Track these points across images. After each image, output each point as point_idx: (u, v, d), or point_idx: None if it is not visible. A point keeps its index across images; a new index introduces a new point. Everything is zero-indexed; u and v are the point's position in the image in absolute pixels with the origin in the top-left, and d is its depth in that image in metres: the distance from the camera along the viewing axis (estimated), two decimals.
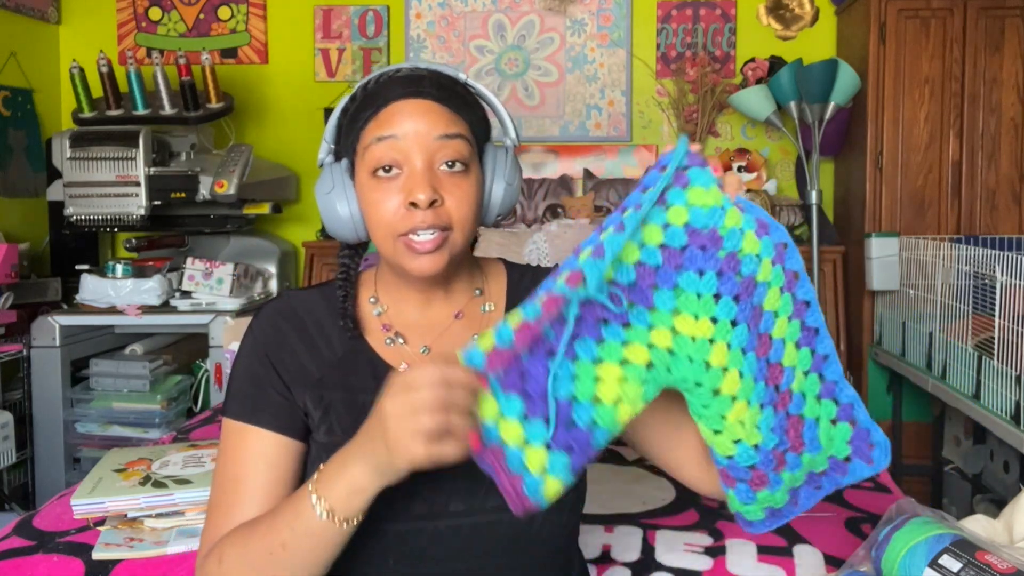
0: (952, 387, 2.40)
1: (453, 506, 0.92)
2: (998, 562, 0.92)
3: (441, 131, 0.91)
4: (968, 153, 2.96)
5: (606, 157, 3.54)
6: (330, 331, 0.98)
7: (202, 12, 3.66)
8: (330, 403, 0.95)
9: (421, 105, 0.92)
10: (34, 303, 3.10)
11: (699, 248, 0.76)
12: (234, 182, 2.93)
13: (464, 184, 0.92)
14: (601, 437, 0.77)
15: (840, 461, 0.84)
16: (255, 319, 1.00)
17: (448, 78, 0.96)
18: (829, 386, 0.83)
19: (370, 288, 1.03)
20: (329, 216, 0.96)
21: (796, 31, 3.47)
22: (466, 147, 0.93)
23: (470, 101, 0.97)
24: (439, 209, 0.90)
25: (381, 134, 0.91)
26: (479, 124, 0.97)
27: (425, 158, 0.90)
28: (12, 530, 1.38)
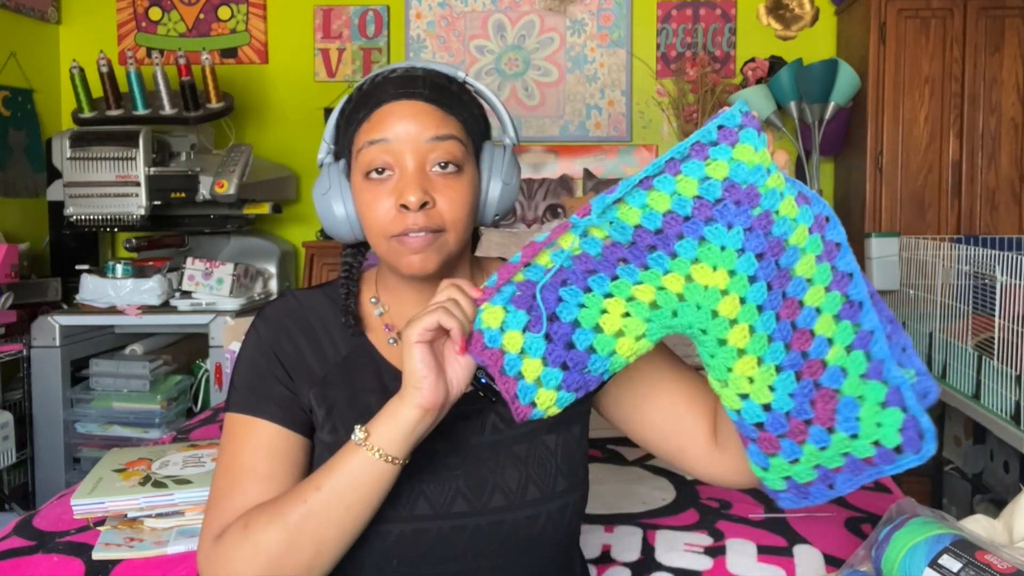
0: (952, 387, 2.40)
1: (457, 507, 0.92)
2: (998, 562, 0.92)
3: (432, 133, 0.91)
4: (968, 153, 2.96)
5: (606, 157, 3.54)
6: (334, 330, 0.99)
7: (202, 12, 3.66)
8: (334, 402, 0.95)
9: (412, 107, 0.91)
10: (34, 303, 3.10)
11: (734, 203, 0.76)
12: (234, 182, 2.93)
13: (457, 185, 0.92)
14: (598, 364, 0.82)
15: (889, 450, 0.79)
16: (259, 317, 1.00)
17: (444, 77, 0.96)
18: (876, 366, 0.78)
19: (371, 288, 1.04)
20: (326, 216, 0.96)
21: (796, 31, 3.47)
22: (459, 148, 0.92)
23: (466, 100, 0.96)
24: (431, 211, 0.90)
25: (373, 137, 0.91)
26: (475, 123, 0.96)
27: (416, 160, 0.90)
28: (12, 530, 1.38)
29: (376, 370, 0.97)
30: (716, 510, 1.46)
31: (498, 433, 0.96)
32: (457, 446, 0.95)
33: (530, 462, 0.95)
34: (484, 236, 3.13)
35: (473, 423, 0.96)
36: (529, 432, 0.96)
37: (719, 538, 1.34)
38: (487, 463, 0.94)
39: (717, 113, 0.79)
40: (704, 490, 1.56)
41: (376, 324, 1.01)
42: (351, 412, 0.94)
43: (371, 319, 1.01)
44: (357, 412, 0.94)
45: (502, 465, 0.94)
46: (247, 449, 0.92)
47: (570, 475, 0.97)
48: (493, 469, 0.94)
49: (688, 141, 0.78)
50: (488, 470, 0.94)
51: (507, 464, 0.95)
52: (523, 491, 0.94)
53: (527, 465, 0.95)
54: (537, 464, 0.95)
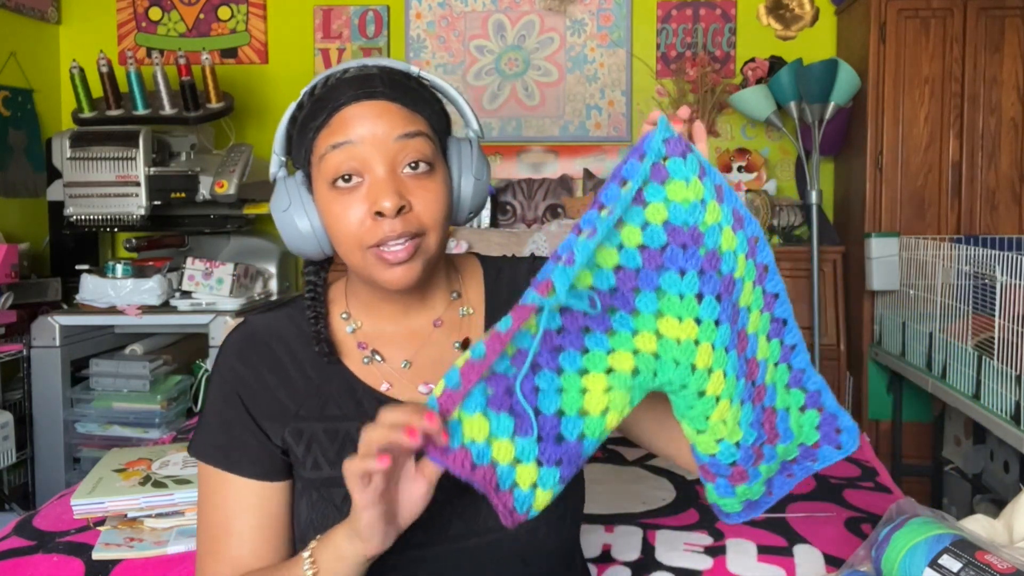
0: (952, 387, 2.40)
1: (453, 529, 0.89)
2: (998, 562, 0.92)
3: (399, 131, 0.85)
4: (968, 153, 2.96)
5: (606, 157, 3.54)
6: (302, 356, 0.93)
7: (202, 12, 3.66)
8: (312, 436, 0.90)
9: (375, 106, 0.85)
10: (34, 303, 3.10)
11: (680, 246, 0.75)
12: (234, 182, 2.93)
13: (431, 185, 0.87)
14: (590, 447, 0.77)
15: (809, 448, 0.85)
16: (219, 354, 0.94)
17: (400, 73, 0.90)
18: (797, 375, 0.83)
19: (340, 303, 0.97)
20: (290, 234, 0.91)
21: (796, 31, 3.47)
22: (428, 145, 0.87)
23: (426, 96, 0.91)
24: (408, 215, 0.85)
25: (335, 141, 0.85)
26: (438, 119, 0.91)
27: (386, 162, 0.85)
28: (12, 530, 1.38)
29: (352, 395, 0.92)
30: None
31: None
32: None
33: None
34: (484, 236, 3.14)
35: None
36: None
37: (719, 538, 1.34)
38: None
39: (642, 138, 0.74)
40: (704, 490, 1.56)
41: (348, 342, 0.95)
42: (332, 444, 0.90)
43: (342, 336, 0.95)
44: (338, 443, 0.90)
45: None
46: (225, 506, 0.90)
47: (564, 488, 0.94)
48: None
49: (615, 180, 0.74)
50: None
51: None
52: None
53: None
54: None
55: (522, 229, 3.29)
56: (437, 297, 0.97)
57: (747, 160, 3.33)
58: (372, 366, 0.94)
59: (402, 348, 0.95)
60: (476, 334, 0.97)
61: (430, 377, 0.94)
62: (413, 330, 0.96)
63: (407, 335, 0.95)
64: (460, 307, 0.98)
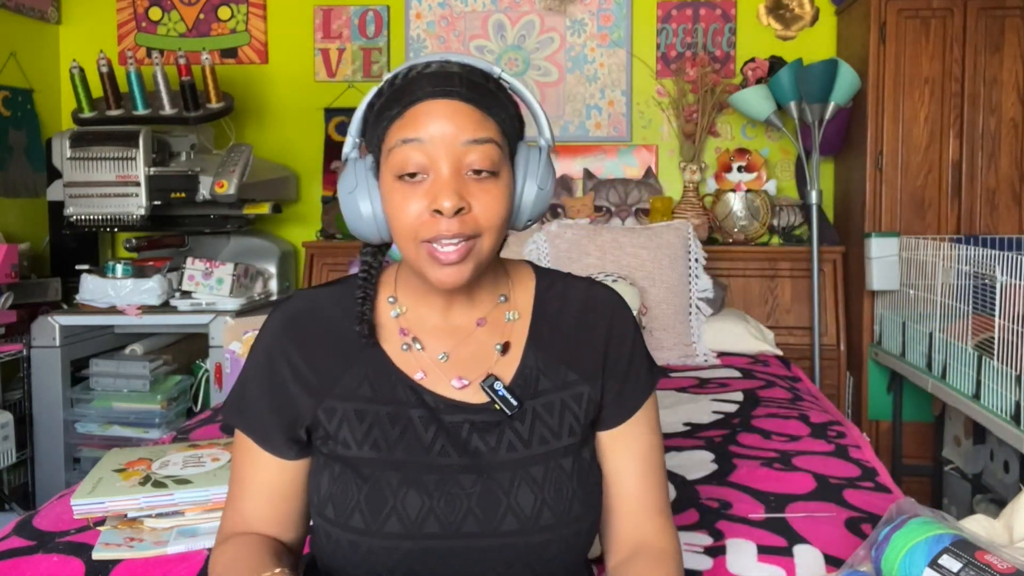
0: (952, 387, 2.40)
1: (467, 527, 0.90)
2: (998, 562, 0.92)
3: (469, 135, 0.86)
4: (968, 153, 2.96)
5: (606, 157, 3.54)
6: (344, 334, 0.95)
7: (202, 12, 3.66)
8: (343, 415, 0.93)
9: (449, 106, 0.87)
10: (34, 303, 3.10)
11: None
12: (234, 182, 2.93)
13: (493, 190, 0.88)
14: None
15: None
16: (267, 323, 0.97)
17: (480, 74, 0.90)
18: None
19: (390, 287, 0.99)
20: (351, 215, 0.93)
21: (796, 31, 3.47)
22: (496, 151, 0.88)
23: (503, 99, 0.91)
24: (465, 217, 0.86)
25: (406, 136, 0.86)
26: (511, 123, 0.92)
27: (452, 163, 0.86)
28: (12, 530, 1.38)
29: (387, 379, 0.94)
30: (716, 510, 1.46)
31: (514, 452, 0.93)
32: (473, 463, 0.92)
33: (546, 486, 0.92)
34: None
35: (488, 438, 0.93)
36: (546, 454, 0.93)
37: (719, 538, 1.34)
38: (502, 484, 0.91)
39: None
40: (704, 490, 1.56)
41: (390, 326, 0.97)
42: (360, 425, 0.92)
43: (385, 320, 0.97)
44: (366, 425, 0.92)
45: (517, 487, 0.91)
46: (251, 469, 0.97)
47: (585, 500, 0.94)
48: (508, 491, 0.91)
49: None
50: (503, 491, 0.91)
51: (522, 486, 0.91)
52: (537, 515, 0.91)
53: (543, 489, 0.92)
54: (553, 488, 0.92)
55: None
56: (484, 297, 0.98)
57: (747, 160, 3.33)
58: (410, 353, 0.96)
59: (442, 340, 0.97)
60: (518, 339, 0.98)
61: (465, 373, 0.95)
62: (456, 325, 0.97)
63: (449, 329, 0.97)
64: (507, 311, 0.99)
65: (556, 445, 0.94)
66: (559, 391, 0.97)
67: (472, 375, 0.96)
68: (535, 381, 0.96)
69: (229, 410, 0.98)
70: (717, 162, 3.38)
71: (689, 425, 2.00)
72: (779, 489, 1.54)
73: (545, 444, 0.94)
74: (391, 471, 0.91)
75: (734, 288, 3.25)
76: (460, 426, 0.93)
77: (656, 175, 3.48)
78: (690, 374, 2.59)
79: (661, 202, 3.24)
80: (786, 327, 3.23)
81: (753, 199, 3.27)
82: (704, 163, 3.41)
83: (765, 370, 2.63)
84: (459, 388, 0.95)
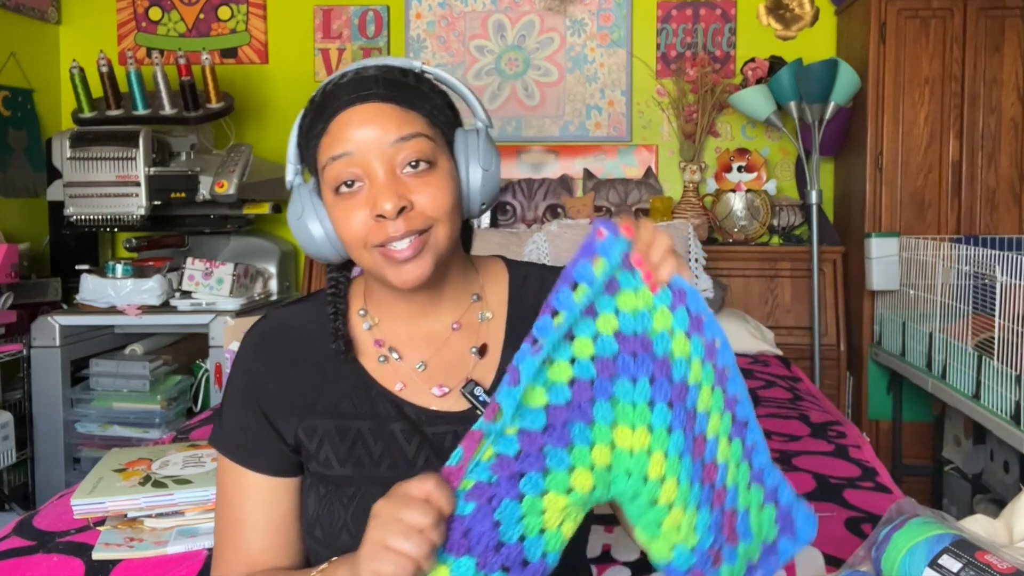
0: (952, 387, 2.40)
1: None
2: (998, 562, 0.92)
3: (395, 134, 0.85)
4: (968, 153, 2.96)
5: (606, 157, 3.54)
6: (319, 352, 0.94)
7: (202, 12, 3.66)
8: (324, 434, 0.91)
9: (370, 109, 0.86)
10: (34, 303, 3.10)
11: (630, 355, 0.75)
12: (234, 182, 2.93)
13: (433, 180, 0.86)
14: (553, 559, 0.76)
15: (771, 544, 0.82)
16: (241, 347, 0.96)
17: (397, 71, 0.89)
18: (757, 472, 0.81)
19: (359, 299, 0.97)
20: (305, 241, 0.91)
21: (796, 31, 3.47)
22: (427, 144, 0.87)
23: (425, 91, 0.90)
24: (411, 214, 0.85)
25: (334, 152, 0.86)
26: (441, 113, 0.90)
27: (385, 166, 0.85)
28: (12, 530, 1.39)
29: (366, 394, 0.92)
30: None
31: None
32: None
33: None
34: (483, 236, 3.13)
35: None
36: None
37: None
38: None
39: (592, 241, 0.74)
40: None
41: (364, 339, 0.95)
42: (342, 442, 0.91)
43: (358, 333, 0.95)
44: (348, 442, 0.91)
45: None
46: (240, 499, 0.93)
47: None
48: None
49: (566, 282, 0.74)
50: None
51: None
52: None
53: None
54: None
55: (522, 229, 3.29)
56: (455, 298, 0.96)
57: (747, 160, 3.33)
58: (388, 365, 0.94)
59: (418, 349, 0.95)
60: (495, 340, 0.96)
61: (445, 380, 0.94)
62: (430, 332, 0.95)
63: (424, 337, 0.95)
64: (480, 311, 0.97)
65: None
66: None
67: (452, 382, 0.94)
68: None
69: (218, 441, 0.95)
70: (717, 162, 3.38)
71: None
72: None
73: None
74: (376, 488, 0.87)
75: (734, 288, 3.25)
76: (443, 436, 0.91)
77: (656, 175, 3.48)
78: None
79: (661, 202, 3.24)
80: (786, 327, 3.23)
81: (753, 199, 3.27)
82: (704, 163, 3.41)
83: (765, 370, 2.63)
84: (440, 396, 0.93)
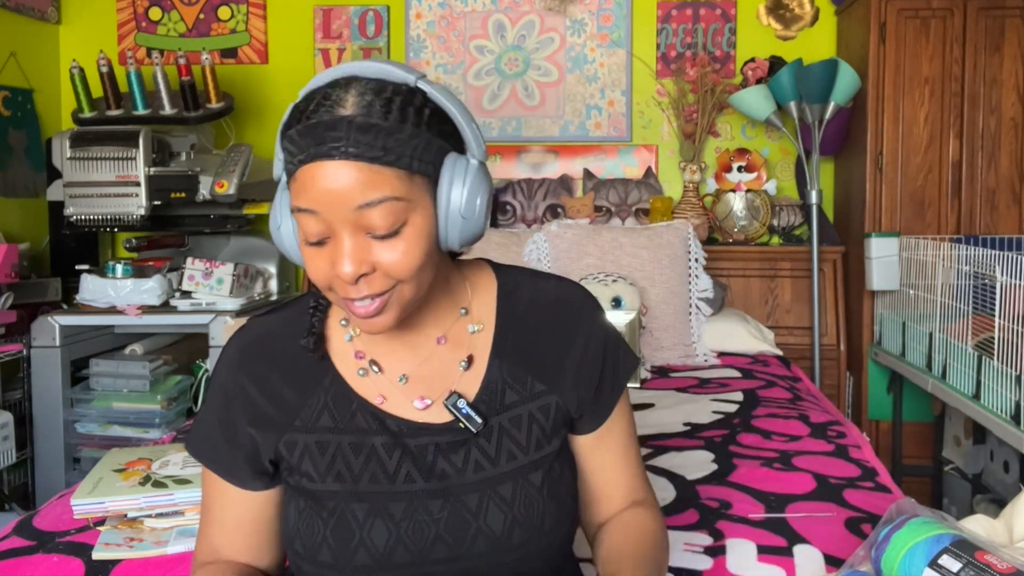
0: (952, 387, 2.40)
1: (436, 553, 0.88)
2: (998, 562, 0.92)
3: (359, 199, 0.78)
4: (968, 153, 2.96)
5: (606, 157, 3.54)
6: (300, 363, 0.93)
7: (202, 12, 3.66)
8: (304, 448, 0.90)
9: (335, 169, 0.78)
10: (34, 303, 3.10)
11: None
12: (234, 182, 2.93)
13: (400, 245, 0.81)
14: None
15: None
16: (220, 359, 0.95)
17: (378, 111, 0.80)
18: None
19: (341, 311, 0.95)
20: (285, 250, 0.90)
21: (796, 31, 3.47)
22: (394, 207, 0.80)
23: (407, 130, 0.80)
24: (372, 277, 0.81)
25: (300, 205, 0.81)
26: (421, 155, 0.82)
27: (348, 229, 0.80)
28: (12, 530, 1.39)
29: (347, 407, 0.91)
30: (716, 510, 1.46)
31: (482, 471, 0.90)
32: (440, 487, 0.89)
33: (516, 504, 0.89)
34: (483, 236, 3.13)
35: (455, 459, 0.90)
36: (514, 470, 0.91)
37: (719, 538, 1.34)
38: (470, 507, 0.89)
39: None
40: (704, 490, 1.56)
41: (345, 351, 0.93)
42: (322, 457, 0.90)
43: (339, 345, 0.94)
44: (328, 456, 0.90)
45: (486, 508, 0.89)
46: (218, 501, 0.96)
47: (557, 513, 0.92)
48: (476, 513, 0.89)
49: None
50: (470, 514, 0.88)
51: (491, 507, 0.89)
52: (508, 535, 0.89)
53: (512, 507, 0.89)
54: (523, 505, 0.90)
55: (522, 229, 3.29)
56: (442, 314, 0.94)
57: (747, 160, 3.33)
58: (368, 378, 0.93)
59: (401, 361, 0.93)
60: (482, 351, 0.95)
61: (427, 392, 0.93)
62: (413, 344, 0.94)
63: (407, 348, 0.94)
64: (468, 323, 0.95)
65: (524, 460, 0.92)
66: (526, 403, 0.94)
67: (435, 393, 0.93)
68: (501, 395, 0.93)
69: (192, 445, 0.95)
70: (717, 162, 3.38)
71: (689, 425, 2.00)
72: (779, 489, 1.54)
73: (513, 460, 0.91)
74: (356, 503, 0.89)
75: (734, 288, 3.26)
76: (425, 448, 0.91)
77: (656, 175, 3.48)
78: (690, 374, 2.59)
79: (661, 202, 3.24)
80: (786, 327, 3.23)
81: (753, 199, 3.27)
82: (704, 163, 3.41)
83: (765, 370, 2.63)
84: (422, 409, 0.92)
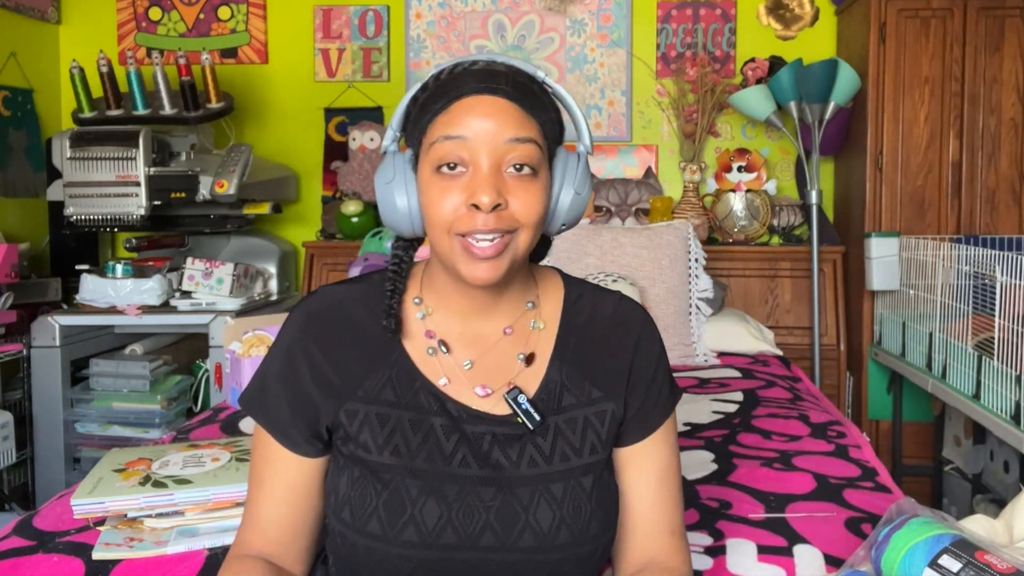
0: (952, 387, 2.40)
1: (484, 541, 0.89)
2: (998, 562, 0.92)
3: (512, 133, 0.86)
4: (968, 153, 2.96)
5: (606, 157, 3.54)
6: (368, 335, 0.94)
7: (202, 12, 3.66)
8: (365, 418, 0.92)
9: (494, 103, 0.86)
10: (34, 303, 3.10)
11: None
12: (234, 182, 2.93)
13: (532, 187, 0.87)
14: None
15: None
16: (289, 319, 0.96)
17: (525, 75, 0.91)
18: None
19: (416, 286, 0.98)
20: (387, 207, 0.92)
21: (796, 31, 3.47)
22: (536, 151, 0.88)
23: (545, 102, 0.91)
24: (502, 212, 0.85)
25: (449, 132, 0.86)
26: (552, 126, 0.92)
27: (492, 160, 0.86)
28: (12, 530, 1.38)
29: (410, 384, 0.93)
30: (716, 510, 1.46)
31: (535, 467, 0.92)
32: (494, 476, 0.91)
33: (565, 504, 0.91)
34: None
35: (510, 452, 0.92)
36: (566, 471, 0.93)
37: (719, 538, 1.34)
38: (521, 499, 0.91)
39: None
40: (704, 490, 1.56)
41: (416, 329, 0.96)
42: (381, 430, 0.92)
43: (411, 322, 0.96)
44: (387, 430, 0.91)
45: (536, 503, 0.91)
46: (270, 468, 0.96)
47: (603, 519, 0.94)
48: (527, 507, 0.91)
49: None
50: (521, 507, 0.90)
51: (542, 503, 0.91)
52: (555, 533, 0.90)
53: (562, 506, 0.91)
54: (572, 507, 0.91)
55: None
56: (511, 302, 0.97)
57: (747, 160, 3.33)
58: (436, 358, 0.95)
59: (468, 347, 0.96)
60: (544, 350, 0.97)
61: (489, 382, 0.95)
62: (481, 332, 0.96)
63: (474, 336, 0.96)
64: (533, 319, 0.98)
65: (576, 463, 0.93)
66: (582, 408, 0.96)
67: (495, 384, 0.95)
68: (559, 396, 0.96)
69: (249, 403, 0.96)
70: (717, 162, 3.38)
71: (689, 425, 2.00)
72: (779, 489, 1.54)
73: (566, 461, 0.93)
74: (411, 479, 0.90)
75: (734, 288, 3.26)
76: (482, 437, 0.93)
77: (656, 175, 3.48)
78: (690, 374, 2.59)
79: (661, 202, 3.24)
80: (786, 327, 3.23)
81: (753, 199, 3.27)
82: (704, 163, 3.41)
83: (765, 370, 2.63)
84: (482, 397, 0.94)
